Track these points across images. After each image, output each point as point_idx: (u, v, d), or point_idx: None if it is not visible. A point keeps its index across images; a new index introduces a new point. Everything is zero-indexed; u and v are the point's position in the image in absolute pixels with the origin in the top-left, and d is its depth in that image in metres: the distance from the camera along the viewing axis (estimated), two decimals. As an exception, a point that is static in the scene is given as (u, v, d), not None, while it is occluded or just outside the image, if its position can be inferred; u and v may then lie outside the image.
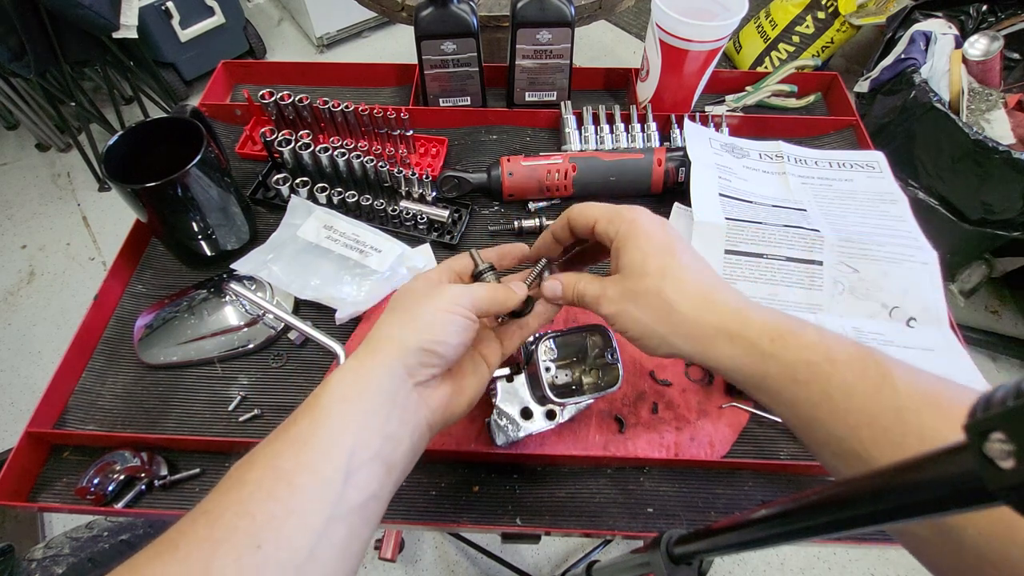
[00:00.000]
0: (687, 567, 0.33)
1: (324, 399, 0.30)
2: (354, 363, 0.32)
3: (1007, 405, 0.12)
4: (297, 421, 0.29)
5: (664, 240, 0.34)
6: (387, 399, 0.31)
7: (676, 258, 0.33)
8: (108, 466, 0.49)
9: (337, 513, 0.27)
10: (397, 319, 0.34)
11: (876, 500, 0.17)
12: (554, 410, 0.48)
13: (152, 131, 0.56)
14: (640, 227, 0.34)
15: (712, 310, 0.31)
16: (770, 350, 0.29)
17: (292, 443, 0.28)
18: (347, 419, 0.29)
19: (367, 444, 0.29)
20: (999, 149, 1.08)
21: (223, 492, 0.27)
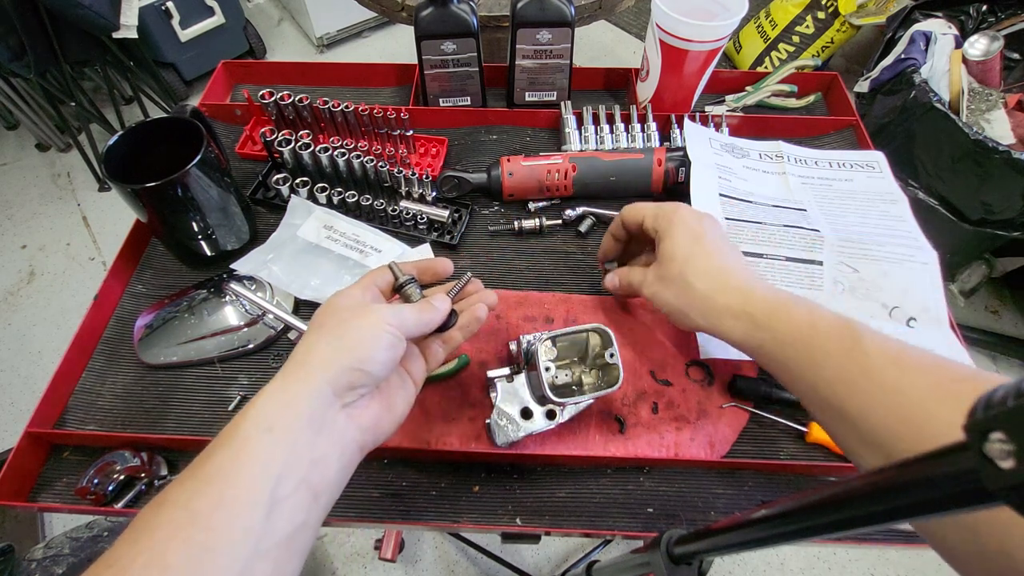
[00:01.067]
0: (687, 567, 0.34)
1: (244, 428, 0.28)
2: (277, 386, 0.30)
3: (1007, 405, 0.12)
4: (213, 454, 0.27)
5: (695, 230, 0.40)
6: (313, 423, 0.30)
7: (701, 244, 0.39)
8: (108, 466, 0.49)
9: (261, 549, 0.25)
10: (323, 338, 0.32)
11: (876, 500, 0.17)
12: (554, 410, 0.48)
13: (152, 131, 0.56)
14: (677, 220, 0.41)
15: (723, 290, 0.38)
16: (766, 323, 0.35)
17: (208, 480, 0.26)
18: (270, 448, 0.28)
19: (292, 472, 0.28)
20: (999, 149, 1.08)
21: (131, 541, 0.25)
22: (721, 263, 0.39)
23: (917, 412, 0.27)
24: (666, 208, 0.42)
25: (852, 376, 0.30)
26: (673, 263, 0.40)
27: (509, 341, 0.54)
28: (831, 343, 0.32)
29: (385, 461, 0.51)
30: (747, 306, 0.36)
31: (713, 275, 0.38)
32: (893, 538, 0.47)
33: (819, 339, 0.33)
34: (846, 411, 0.30)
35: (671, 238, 0.41)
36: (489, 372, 0.50)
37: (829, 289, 0.56)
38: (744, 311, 0.36)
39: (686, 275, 0.39)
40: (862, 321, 0.33)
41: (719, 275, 0.38)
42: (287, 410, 0.29)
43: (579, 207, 0.65)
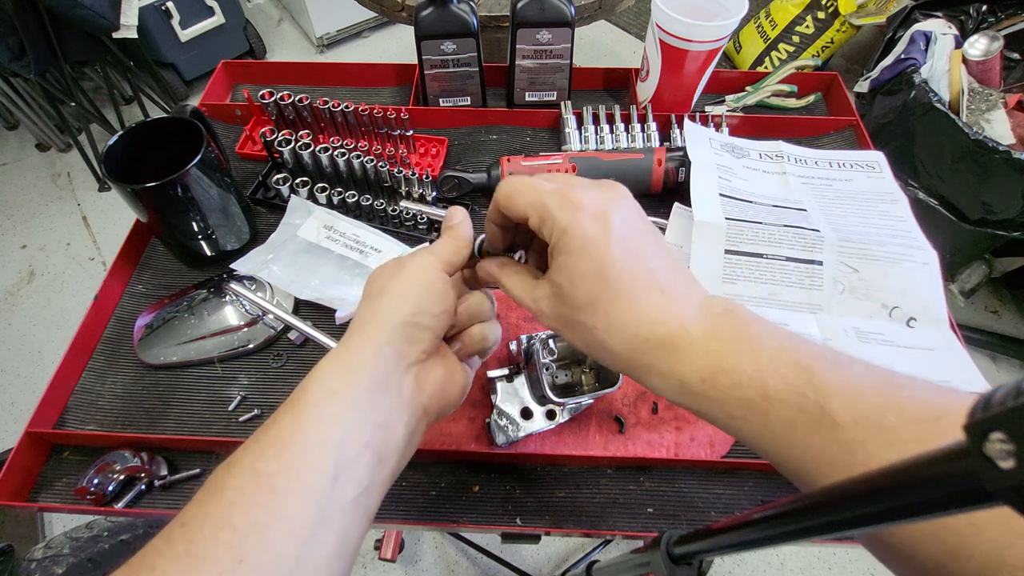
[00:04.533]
0: (687, 567, 0.33)
1: (308, 393, 0.28)
2: (338, 351, 0.30)
3: (1007, 405, 0.12)
4: (279, 419, 0.28)
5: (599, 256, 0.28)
6: (378, 384, 0.29)
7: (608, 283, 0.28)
8: (108, 466, 0.49)
9: (326, 515, 0.25)
10: (372, 303, 0.32)
11: (876, 500, 0.17)
12: (554, 410, 0.48)
13: (152, 131, 0.56)
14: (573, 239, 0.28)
15: (642, 348, 0.28)
16: (700, 390, 0.27)
17: (274, 444, 0.26)
18: (334, 411, 0.28)
19: (357, 436, 0.28)
20: (999, 149, 1.08)
21: (201, 502, 0.25)
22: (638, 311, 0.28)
23: None
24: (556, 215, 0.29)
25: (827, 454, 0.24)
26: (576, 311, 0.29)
27: (509, 341, 0.54)
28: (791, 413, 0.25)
29: (385, 461, 0.51)
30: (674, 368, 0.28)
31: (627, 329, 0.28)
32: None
33: (775, 409, 0.25)
34: None
35: (566, 271, 0.29)
36: (489, 372, 0.50)
37: (829, 289, 0.56)
38: (672, 374, 0.28)
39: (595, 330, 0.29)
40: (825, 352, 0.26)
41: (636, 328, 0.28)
42: (348, 373, 0.29)
43: (579, 207, 0.65)
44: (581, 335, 0.30)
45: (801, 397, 0.25)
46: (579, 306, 0.29)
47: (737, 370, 0.26)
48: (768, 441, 0.26)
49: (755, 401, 0.26)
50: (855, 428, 0.23)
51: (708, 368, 0.27)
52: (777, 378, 0.25)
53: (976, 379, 0.51)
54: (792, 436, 0.25)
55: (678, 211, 0.64)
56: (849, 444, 0.23)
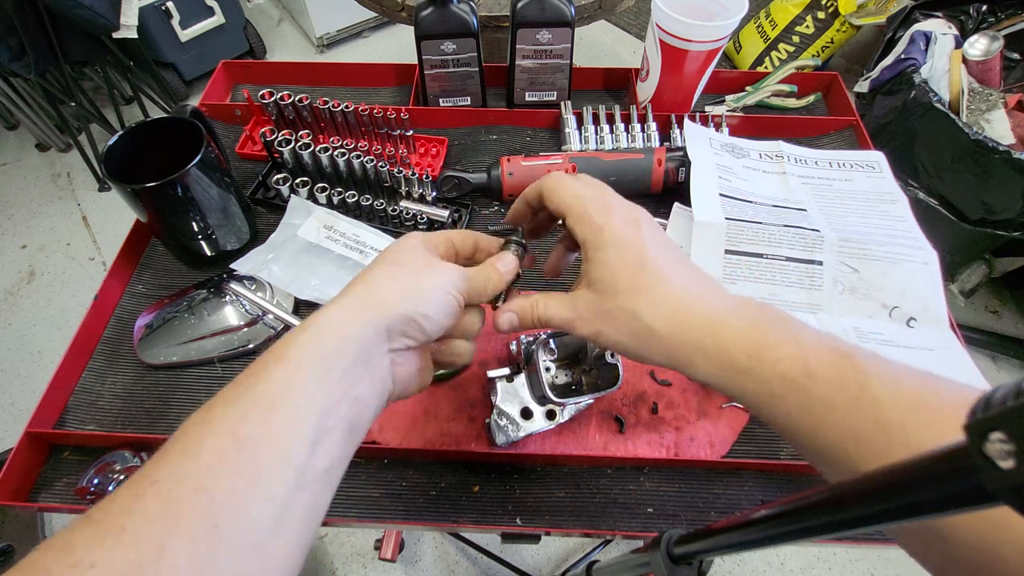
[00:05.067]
0: (687, 567, 0.34)
1: (297, 350, 0.27)
2: (336, 311, 0.29)
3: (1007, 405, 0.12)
4: (266, 373, 0.27)
5: (636, 249, 0.31)
6: (363, 359, 0.29)
7: (648, 270, 0.30)
8: (108, 466, 0.49)
9: (302, 481, 0.25)
10: (389, 277, 0.31)
11: (876, 500, 0.17)
12: (554, 410, 0.48)
13: (152, 131, 0.56)
14: (609, 236, 0.31)
15: (687, 327, 0.30)
16: (746, 366, 0.28)
17: (258, 404, 0.25)
18: (321, 377, 0.27)
19: (337, 406, 0.27)
20: (999, 149, 1.08)
21: (175, 459, 0.24)
22: (679, 291, 0.30)
23: None
24: (592, 215, 0.32)
25: (866, 433, 0.24)
26: (617, 297, 0.31)
27: (509, 341, 0.54)
28: (833, 391, 0.25)
29: (385, 461, 0.51)
30: (719, 345, 0.29)
31: (672, 310, 0.30)
32: (893, 538, 0.47)
33: (817, 386, 0.26)
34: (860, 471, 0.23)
35: (606, 265, 0.31)
36: (489, 372, 0.50)
37: (829, 289, 0.56)
38: (717, 352, 0.29)
39: (637, 313, 0.30)
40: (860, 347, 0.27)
41: (679, 309, 0.30)
42: (343, 338, 0.28)
43: (579, 207, 0.65)
44: (625, 323, 0.31)
45: (842, 377, 0.25)
46: (621, 292, 0.31)
47: (781, 348, 0.27)
48: (806, 422, 0.26)
49: (797, 379, 0.26)
50: (894, 408, 0.24)
51: (753, 345, 0.28)
52: (819, 359, 0.26)
53: (976, 379, 0.51)
54: (832, 415, 0.25)
55: (678, 211, 0.64)
56: (888, 423, 0.23)
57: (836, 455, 0.25)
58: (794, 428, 0.27)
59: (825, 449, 0.26)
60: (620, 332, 0.31)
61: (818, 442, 0.26)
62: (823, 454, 0.26)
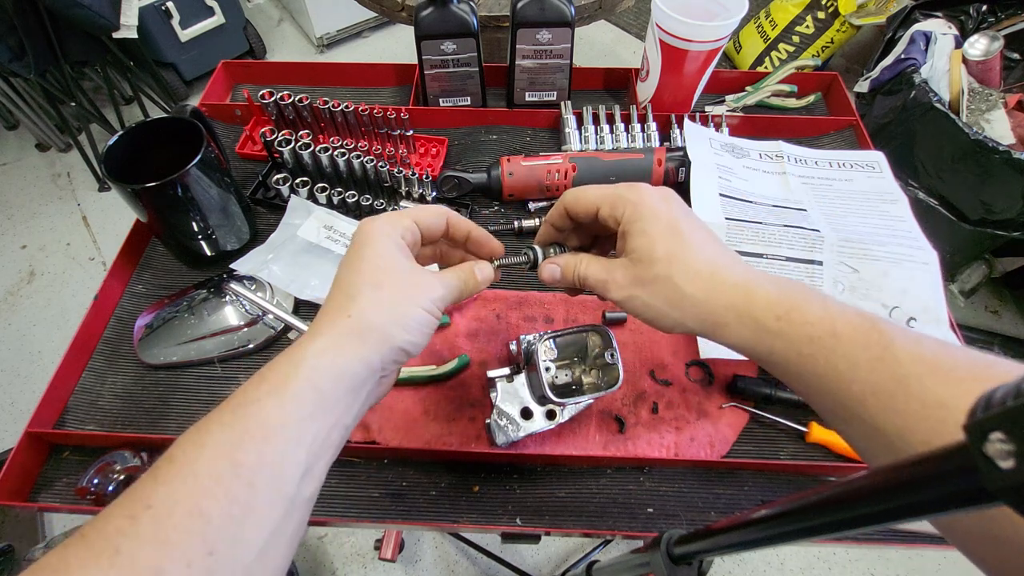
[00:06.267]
0: (687, 567, 0.34)
1: (297, 382, 0.27)
2: (334, 344, 0.29)
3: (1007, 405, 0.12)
4: (263, 401, 0.27)
5: (669, 220, 0.33)
6: (356, 391, 0.30)
7: (683, 239, 0.32)
8: (108, 466, 0.49)
9: (291, 508, 0.26)
10: (377, 301, 0.31)
11: (876, 500, 0.17)
12: (554, 410, 0.48)
13: (152, 131, 0.56)
14: (645, 209, 0.33)
15: (720, 290, 0.31)
16: (775, 327, 0.30)
17: (255, 432, 0.26)
18: (318, 411, 0.28)
19: (328, 436, 0.28)
20: (999, 149, 1.08)
21: (170, 481, 0.24)
22: (711, 258, 0.32)
23: None
24: (626, 195, 0.34)
25: (886, 388, 0.25)
26: (655, 265, 0.32)
27: (509, 341, 0.54)
28: (857, 350, 0.27)
29: (385, 461, 0.51)
30: (751, 307, 0.30)
31: (706, 275, 0.32)
32: (893, 538, 0.47)
33: (842, 346, 0.27)
34: (880, 428, 0.26)
35: (645, 235, 0.33)
36: (489, 372, 0.50)
37: (829, 289, 0.56)
38: (749, 313, 0.30)
39: (673, 278, 0.32)
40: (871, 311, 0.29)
41: (713, 274, 0.32)
42: (339, 373, 0.29)
43: (579, 207, 0.65)
44: (661, 289, 0.33)
45: (866, 337, 0.27)
46: (658, 260, 0.32)
47: (809, 311, 0.29)
48: (832, 379, 0.28)
49: (824, 339, 0.28)
50: (913, 366, 0.25)
51: (783, 308, 0.30)
52: (844, 321, 0.28)
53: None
54: (855, 372, 0.27)
55: (678, 211, 0.64)
56: (906, 379, 0.25)
57: (857, 410, 0.27)
58: (819, 386, 0.29)
59: (848, 405, 0.27)
60: (655, 296, 0.33)
61: (841, 398, 0.27)
62: (846, 410, 0.27)
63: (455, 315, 0.57)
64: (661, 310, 0.33)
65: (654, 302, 0.33)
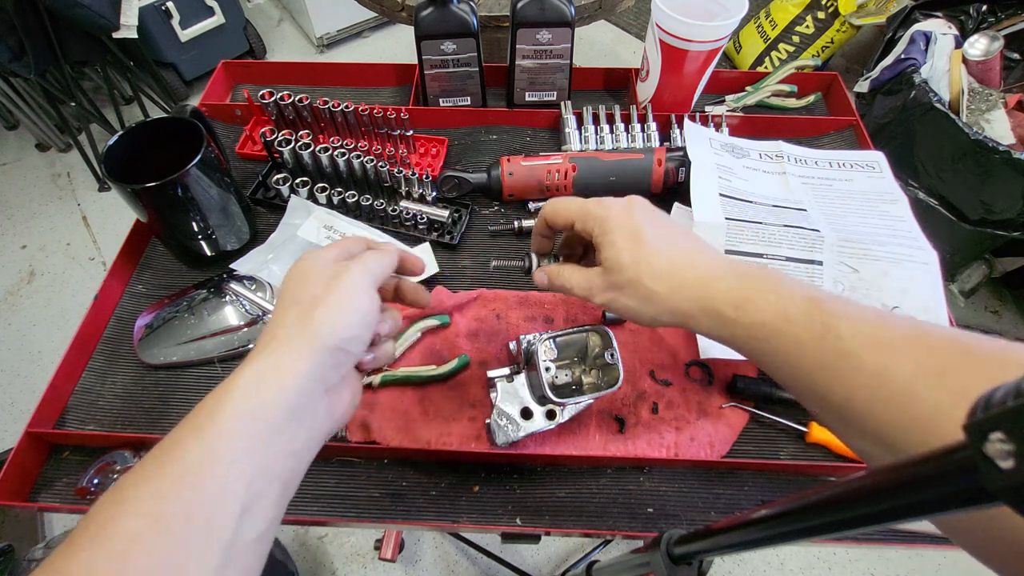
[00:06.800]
0: (687, 567, 0.34)
1: (222, 417, 0.25)
2: (261, 366, 0.28)
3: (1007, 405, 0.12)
4: (184, 446, 0.24)
5: (632, 229, 0.36)
6: (296, 413, 0.27)
7: (644, 244, 0.36)
8: (108, 466, 0.49)
9: (230, 557, 0.23)
10: (303, 314, 0.30)
11: (875, 500, 0.17)
12: (554, 410, 0.48)
13: (152, 131, 0.56)
14: (610, 223, 0.37)
15: (685, 287, 0.35)
16: (734, 316, 0.33)
17: (179, 479, 0.23)
18: (251, 442, 0.25)
19: (269, 469, 0.26)
20: (999, 149, 1.08)
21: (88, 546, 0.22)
22: (673, 258, 0.36)
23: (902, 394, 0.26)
24: (594, 211, 0.38)
25: (830, 363, 0.29)
26: (624, 271, 0.36)
27: (509, 341, 0.54)
28: (803, 332, 0.30)
29: (385, 461, 0.51)
30: (712, 300, 0.34)
31: (669, 274, 0.35)
32: (893, 538, 0.47)
33: (792, 328, 0.30)
34: (830, 400, 0.29)
35: (613, 246, 0.37)
36: (489, 372, 0.50)
37: (829, 289, 0.56)
38: (710, 306, 0.34)
39: (641, 280, 0.36)
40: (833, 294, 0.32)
41: (675, 272, 0.35)
42: (271, 398, 0.27)
43: (579, 207, 0.65)
44: (633, 290, 0.36)
45: (810, 319, 0.30)
46: (626, 265, 0.36)
47: (762, 299, 0.32)
48: (783, 359, 0.31)
49: (776, 324, 0.31)
50: (853, 339, 0.28)
51: (740, 299, 0.33)
52: (793, 306, 0.31)
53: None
54: (803, 350, 0.30)
55: (678, 211, 0.64)
56: (847, 352, 0.28)
57: (811, 384, 0.30)
58: (778, 365, 0.32)
59: (801, 379, 0.31)
60: (630, 297, 0.36)
61: (796, 374, 0.31)
62: (800, 384, 0.31)
63: (455, 315, 0.57)
64: (637, 308, 0.37)
65: (630, 302, 0.37)
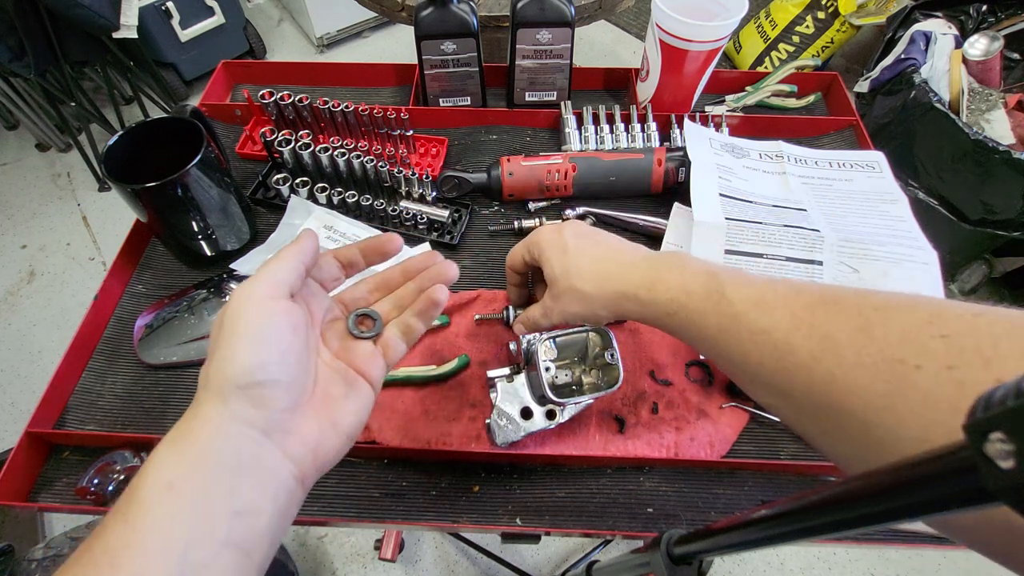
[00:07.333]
0: (687, 567, 0.33)
1: (141, 491, 0.23)
2: (175, 433, 0.25)
3: (1007, 405, 0.12)
4: (107, 527, 0.22)
5: (559, 244, 0.42)
6: (226, 467, 0.24)
7: (570, 254, 0.41)
8: (108, 466, 0.49)
9: None
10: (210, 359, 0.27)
11: (875, 500, 0.17)
12: (554, 410, 0.48)
13: (152, 131, 0.56)
14: (543, 245, 0.43)
15: (608, 282, 0.39)
16: (648, 298, 0.37)
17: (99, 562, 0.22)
18: (174, 509, 0.23)
19: (207, 535, 0.23)
20: (999, 149, 1.08)
21: None
22: (595, 257, 0.41)
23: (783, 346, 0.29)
24: (531, 239, 0.45)
25: (724, 326, 0.32)
26: (559, 281, 0.41)
27: (509, 341, 0.54)
28: (704, 303, 0.34)
29: (385, 461, 0.51)
30: (630, 287, 0.38)
31: (593, 272, 0.40)
32: (893, 538, 0.47)
33: (693, 301, 0.34)
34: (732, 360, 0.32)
35: (547, 262, 0.42)
36: (489, 372, 0.50)
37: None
38: (631, 293, 0.38)
39: (573, 284, 0.40)
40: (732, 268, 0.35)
41: (598, 269, 0.40)
42: (189, 458, 0.24)
43: (579, 207, 0.65)
44: (571, 296, 0.41)
45: (708, 290, 0.34)
46: (560, 277, 0.41)
47: (669, 279, 0.36)
48: (693, 330, 0.35)
49: (680, 299, 0.35)
50: (742, 303, 0.32)
51: (651, 281, 0.37)
52: (695, 282, 0.35)
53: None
54: (705, 320, 0.34)
55: (678, 211, 0.64)
56: (737, 315, 0.32)
57: (715, 348, 0.33)
58: (690, 336, 0.35)
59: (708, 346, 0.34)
60: (571, 304, 0.41)
61: (703, 342, 0.34)
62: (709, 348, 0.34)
63: (455, 315, 0.57)
64: (577, 311, 0.41)
65: (570, 307, 0.41)
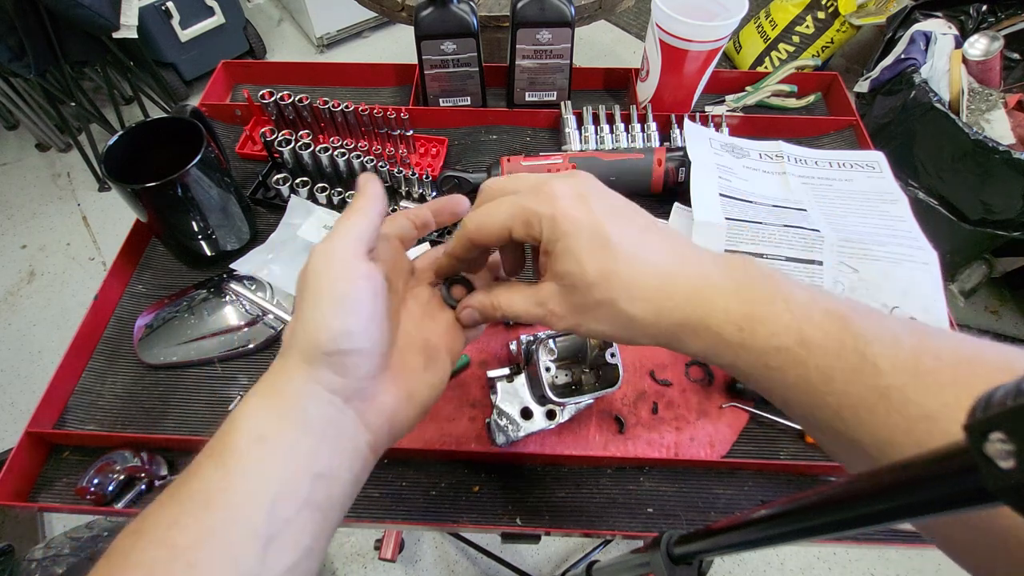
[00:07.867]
0: (687, 567, 0.33)
1: (234, 438, 0.24)
2: (264, 386, 0.26)
3: (1007, 405, 0.12)
4: (199, 471, 0.23)
5: (593, 228, 0.27)
6: (311, 429, 0.25)
7: (614, 251, 0.27)
8: (108, 466, 0.49)
9: None
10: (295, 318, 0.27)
11: (876, 500, 0.17)
12: (554, 410, 0.48)
13: (152, 131, 0.56)
14: (563, 222, 0.27)
15: (670, 307, 0.27)
16: (737, 339, 0.26)
17: (192, 506, 0.22)
18: (265, 464, 0.23)
19: (293, 492, 0.23)
20: (999, 149, 1.08)
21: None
22: (653, 270, 0.27)
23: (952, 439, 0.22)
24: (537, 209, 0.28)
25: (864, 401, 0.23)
26: (591, 289, 0.27)
27: (509, 341, 0.54)
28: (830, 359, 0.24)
29: (385, 461, 0.51)
30: (708, 321, 0.26)
31: (651, 292, 0.27)
32: (893, 538, 0.47)
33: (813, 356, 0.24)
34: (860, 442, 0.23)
35: (570, 254, 0.27)
36: (489, 372, 0.50)
37: (829, 289, 0.56)
38: (706, 327, 0.26)
39: (617, 303, 0.27)
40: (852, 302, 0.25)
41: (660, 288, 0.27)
42: (277, 414, 0.25)
43: (579, 207, 0.65)
44: (605, 315, 0.28)
45: (840, 344, 0.24)
46: (593, 283, 0.27)
47: (773, 318, 0.25)
48: (803, 392, 0.25)
49: (792, 349, 0.24)
50: (894, 373, 0.22)
51: (744, 317, 0.25)
52: (813, 326, 0.24)
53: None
54: (830, 385, 0.24)
55: (678, 211, 0.64)
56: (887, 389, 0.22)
57: (833, 422, 0.24)
58: (789, 397, 0.25)
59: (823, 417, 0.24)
60: (601, 322, 0.28)
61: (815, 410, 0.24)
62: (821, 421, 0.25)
63: (455, 315, 0.57)
64: (611, 333, 0.29)
65: (601, 327, 0.28)
